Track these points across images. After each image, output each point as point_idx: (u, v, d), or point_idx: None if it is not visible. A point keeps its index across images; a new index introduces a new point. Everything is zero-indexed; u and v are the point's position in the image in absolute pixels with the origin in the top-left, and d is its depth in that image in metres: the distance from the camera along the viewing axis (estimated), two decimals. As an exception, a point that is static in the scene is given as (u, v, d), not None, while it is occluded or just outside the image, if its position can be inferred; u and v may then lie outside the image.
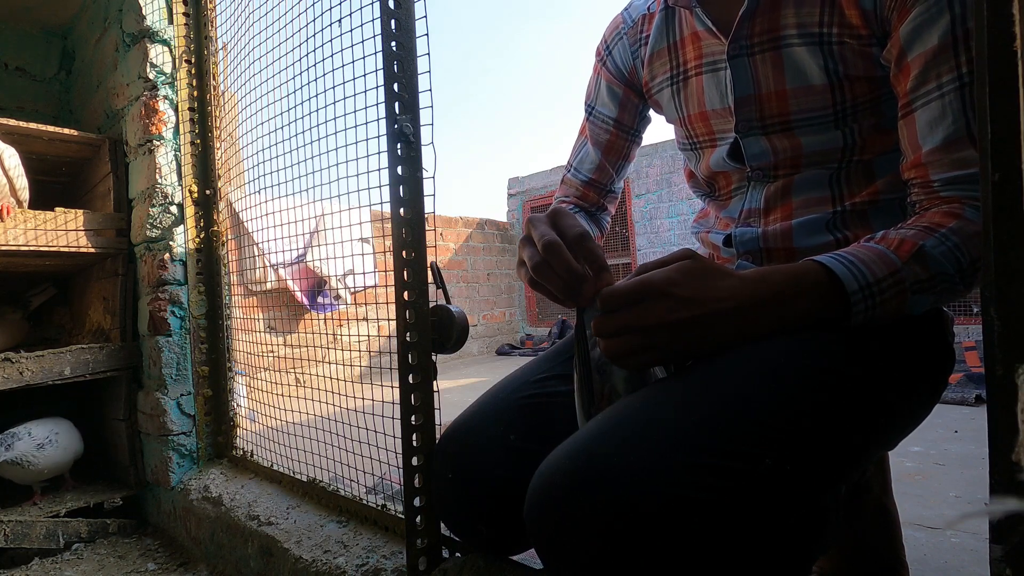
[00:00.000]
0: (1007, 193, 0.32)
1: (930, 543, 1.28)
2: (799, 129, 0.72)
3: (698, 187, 0.89)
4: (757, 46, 0.72)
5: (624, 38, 0.89)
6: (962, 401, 2.76)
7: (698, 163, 0.85)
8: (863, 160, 0.71)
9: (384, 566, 0.85)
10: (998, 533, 0.32)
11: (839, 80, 0.68)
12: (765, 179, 0.76)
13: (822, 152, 0.72)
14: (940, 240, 0.55)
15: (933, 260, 0.54)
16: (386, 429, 0.90)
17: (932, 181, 0.59)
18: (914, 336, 0.63)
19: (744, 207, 0.78)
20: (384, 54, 0.78)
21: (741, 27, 0.72)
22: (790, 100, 0.71)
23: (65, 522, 1.36)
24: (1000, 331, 0.32)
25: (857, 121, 0.69)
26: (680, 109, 0.83)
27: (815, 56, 0.68)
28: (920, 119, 0.60)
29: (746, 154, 0.76)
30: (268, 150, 1.18)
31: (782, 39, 0.70)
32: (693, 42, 0.80)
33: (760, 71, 0.72)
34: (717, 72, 0.77)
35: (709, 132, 0.81)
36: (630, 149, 0.95)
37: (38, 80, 1.91)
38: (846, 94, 0.68)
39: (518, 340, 6.59)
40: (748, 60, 0.73)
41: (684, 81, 0.82)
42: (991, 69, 0.32)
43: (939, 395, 0.67)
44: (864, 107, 0.68)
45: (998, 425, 0.32)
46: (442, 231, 5.82)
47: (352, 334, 1.47)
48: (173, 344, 1.40)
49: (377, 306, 1.01)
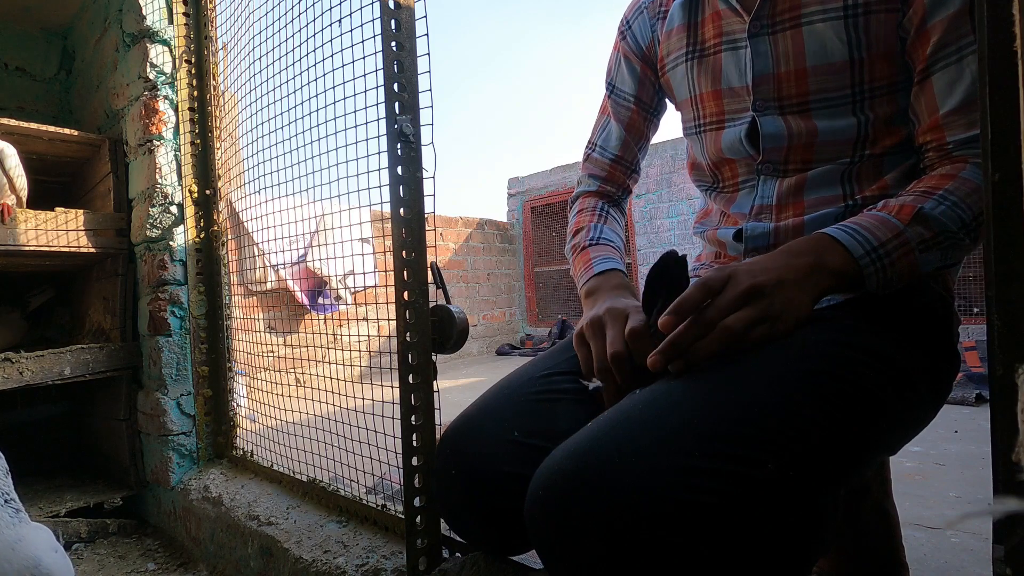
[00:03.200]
0: (1007, 193, 0.32)
1: (930, 543, 1.28)
2: (816, 111, 0.72)
3: (702, 178, 0.88)
4: (779, 24, 0.72)
5: (644, 12, 0.89)
6: (962, 401, 2.76)
7: (703, 149, 0.84)
8: (874, 155, 0.71)
9: (384, 566, 0.85)
10: (999, 533, 0.32)
11: (860, 56, 0.68)
12: (775, 173, 0.76)
13: (835, 143, 0.71)
14: (938, 201, 0.58)
15: (934, 220, 0.57)
16: (386, 429, 0.90)
17: (947, 143, 0.62)
18: (920, 339, 0.63)
19: (755, 202, 0.77)
20: (384, 54, 0.78)
21: (763, 5, 0.72)
22: (809, 78, 0.71)
23: (65, 522, 1.36)
24: (1000, 331, 0.32)
25: (873, 109, 0.69)
26: (693, 86, 0.83)
27: (838, 31, 0.68)
28: (938, 82, 0.63)
29: (762, 134, 0.75)
30: (268, 150, 1.18)
31: (803, 16, 0.70)
32: (714, 20, 0.80)
33: (780, 49, 0.72)
34: (737, 50, 0.77)
35: (719, 112, 0.81)
36: (648, 130, 0.95)
37: (38, 80, 1.91)
38: (865, 74, 0.69)
39: (518, 340, 6.59)
40: (768, 38, 0.73)
41: (701, 58, 0.82)
42: (991, 69, 0.32)
43: (943, 399, 0.67)
44: (881, 93, 0.69)
45: (998, 425, 0.32)
46: (442, 231, 5.81)
47: (352, 334, 1.47)
48: (173, 344, 1.40)
49: (377, 306, 1.01)
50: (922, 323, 0.66)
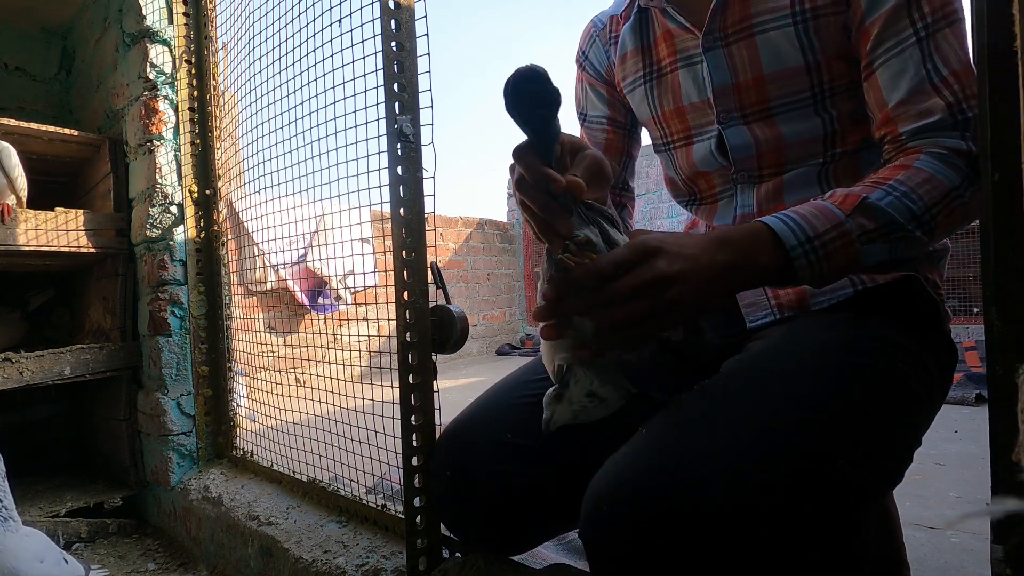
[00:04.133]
0: (1007, 193, 0.31)
1: (930, 543, 1.28)
2: (779, 116, 0.72)
3: (679, 194, 0.88)
4: (732, 36, 0.72)
5: (597, 40, 0.91)
6: (962, 401, 2.76)
7: (675, 165, 0.85)
8: (846, 153, 0.71)
9: (384, 566, 0.85)
10: (998, 533, 0.32)
11: (816, 60, 0.69)
12: (751, 180, 0.76)
13: (803, 144, 0.72)
14: (886, 192, 0.56)
15: (879, 211, 0.55)
16: (386, 429, 0.90)
17: (900, 134, 0.62)
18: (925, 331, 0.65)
19: (736, 212, 0.78)
20: (384, 54, 0.78)
21: (714, 19, 0.73)
22: (768, 85, 0.71)
23: (65, 522, 1.36)
24: (1000, 331, 0.32)
25: (836, 106, 0.70)
26: (654, 107, 0.83)
27: (790, 38, 0.69)
28: (882, 77, 0.63)
29: (729, 146, 0.76)
30: (268, 150, 1.18)
31: (755, 26, 0.71)
32: (666, 40, 0.80)
33: (736, 60, 0.73)
34: (693, 66, 0.77)
35: (684, 128, 0.81)
36: (630, 146, 0.95)
37: (38, 80, 1.91)
38: (823, 75, 0.69)
39: (518, 340, 6.59)
40: (723, 51, 0.73)
41: (658, 78, 0.82)
42: (991, 69, 0.32)
43: (947, 392, 0.68)
44: (841, 90, 0.69)
45: (998, 425, 0.32)
46: (442, 231, 5.81)
47: (352, 334, 1.46)
48: (173, 344, 1.40)
49: (377, 306, 1.01)
50: (924, 316, 0.67)
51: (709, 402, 0.55)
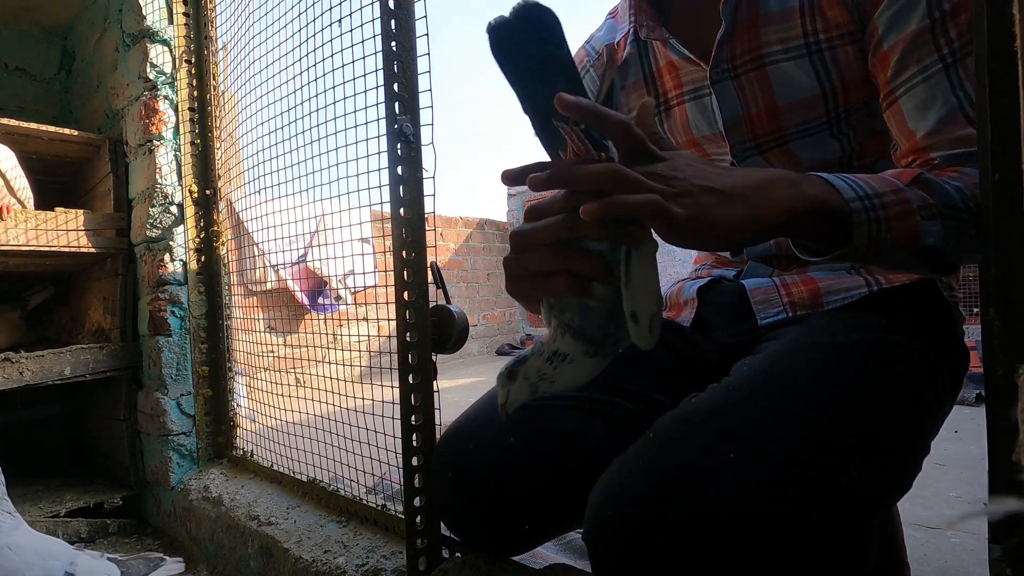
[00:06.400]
0: (1007, 193, 0.31)
1: (930, 543, 1.28)
2: (794, 142, 0.71)
3: None
4: (740, 67, 0.71)
5: (591, 70, 0.88)
6: (962, 401, 2.76)
7: None
8: (864, 166, 0.71)
9: (384, 566, 0.85)
10: (998, 533, 0.32)
11: (832, 87, 0.67)
12: None
13: (822, 165, 0.70)
14: (941, 181, 0.52)
15: (936, 187, 0.51)
16: (386, 429, 0.90)
17: (933, 159, 0.58)
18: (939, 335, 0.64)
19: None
20: (384, 54, 0.78)
21: (720, 51, 0.71)
22: (783, 115, 0.70)
23: (65, 522, 1.36)
24: (1000, 331, 0.32)
25: (852, 127, 0.69)
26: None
27: (804, 68, 0.67)
28: (906, 105, 0.60)
29: None
30: (268, 150, 1.18)
31: (765, 56, 0.69)
32: (670, 72, 0.78)
33: (747, 92, 0.71)
34: (701, 99, 0.76)
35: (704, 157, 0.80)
36: None
37: (38, 80, 1.91)
38: (839, 100, 0.68)
39: (518, 340, 6.58)
40: (732, 83, 0.72)
41: (667, 111, 0.81)
42: (991, 69, 0.32)
43: (957, 396, 0.68)
44: (858, 110, 0.68)
45: (998, 425, 0.32)
46: (442, 231, 5.81)
47: (352, 334, 1.46)
48: (173, 344, 1.40)
49: (377, 306, 1.01)
50: (938, 320, 0.66)
51: (718, 406, 0.54)
